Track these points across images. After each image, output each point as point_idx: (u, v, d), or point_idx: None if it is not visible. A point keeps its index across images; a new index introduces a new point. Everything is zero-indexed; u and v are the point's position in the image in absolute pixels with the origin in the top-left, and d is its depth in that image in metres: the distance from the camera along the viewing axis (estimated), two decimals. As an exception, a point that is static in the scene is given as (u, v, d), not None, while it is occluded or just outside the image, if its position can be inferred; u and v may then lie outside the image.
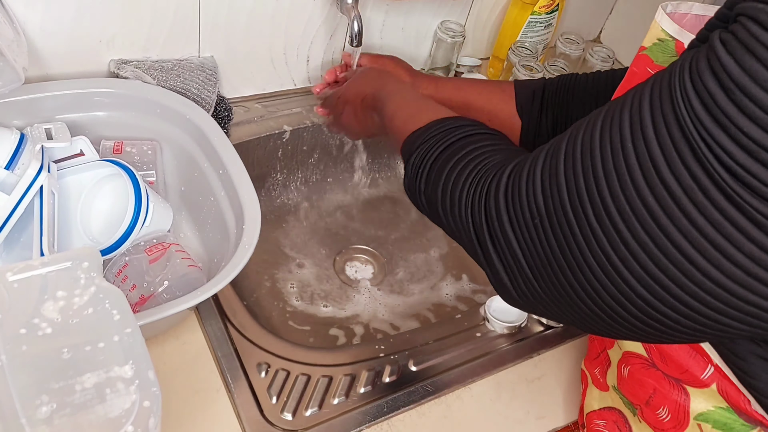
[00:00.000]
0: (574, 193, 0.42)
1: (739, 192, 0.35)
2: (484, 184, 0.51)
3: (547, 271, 0.45)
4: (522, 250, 0.46)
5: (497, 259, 0.49)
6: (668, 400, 0.57)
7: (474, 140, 0.57)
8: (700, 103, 0.36)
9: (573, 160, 0.43)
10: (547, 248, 0.44)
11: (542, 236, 0.44)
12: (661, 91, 0.38)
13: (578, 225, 0.42)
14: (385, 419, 0.70)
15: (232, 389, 0.69)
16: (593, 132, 0.42)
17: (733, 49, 0.34)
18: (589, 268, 0.42)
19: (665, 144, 0.37)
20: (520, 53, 1.06)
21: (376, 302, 0.97)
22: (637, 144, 0.38)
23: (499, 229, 0.48)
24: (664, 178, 0.37)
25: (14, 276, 0.46)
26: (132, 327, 0.46)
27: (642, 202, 0.38)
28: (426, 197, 0.58)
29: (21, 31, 0.75)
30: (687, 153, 0.36)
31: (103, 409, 0.42)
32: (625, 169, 0.39)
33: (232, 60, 0.93)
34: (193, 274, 0.70)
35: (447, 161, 0.56)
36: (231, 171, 0.74)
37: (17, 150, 0.68)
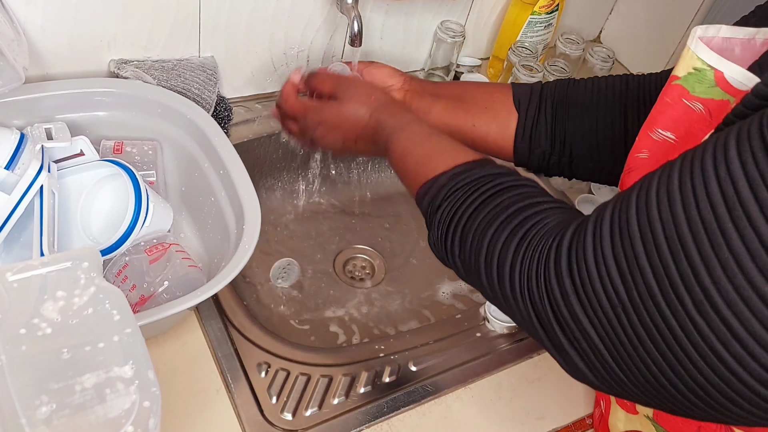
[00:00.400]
0: (665, 280, 0.34)
1: None
2: (542, 254, 0.43)
3: (633, 360, 0.38)
4: (602, 339, 0.39)
5: (569, 345, 0.42)
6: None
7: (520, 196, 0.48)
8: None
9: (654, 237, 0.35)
10: (634, 339, 0.37)
11: (626, 326, 0.37)
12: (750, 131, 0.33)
13: (675, 317, 0.35)
14: (385, 419, 0.70)
15: (232, 389, 0.69)
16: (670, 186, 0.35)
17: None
18: (693, 364, 0.35)
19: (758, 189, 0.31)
20: (520, 53, 1.06)
21: (376, 302, 0.97)
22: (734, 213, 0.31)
23: (569, 314, 0.40)
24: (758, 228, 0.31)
25: (14, 276, 0.46)
26: (132, 327, 0.46)
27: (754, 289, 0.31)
28: (463, 264, 0.50)
29: (21, 31, 0.75)
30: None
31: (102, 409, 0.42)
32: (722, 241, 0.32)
33: (232, 60, 0.93)
34: (193, 274, 0.70)
35: (489, 223, 0.47)
36: (231, 171, 0.74)
37: (17, 150, 0.68)
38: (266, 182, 1.02)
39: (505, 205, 0.48)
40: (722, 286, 0.32)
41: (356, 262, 1.02)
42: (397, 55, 1.08)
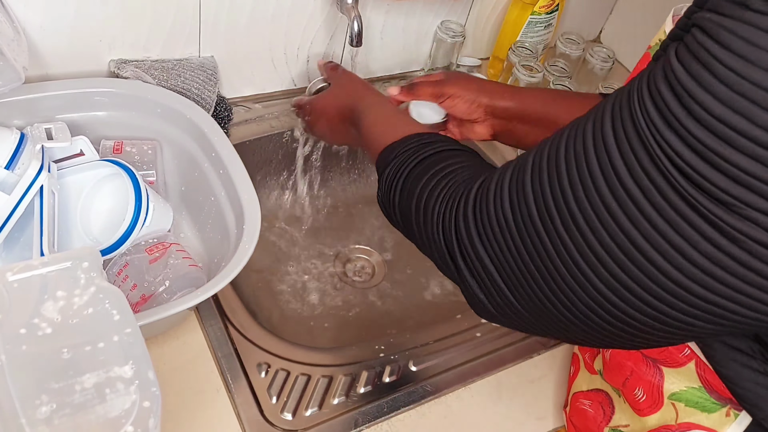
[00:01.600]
0: (541, 203, 0.43)
1: (692, 194, 0.36)
2: (453, 200, 0.52)
3: (520, 282, 0.46)
4: (494, 264, 0.47)
5: (469, 275, 0.50)
6: (643, 381, 0.59)
7: (447, 155, 0.58)
8: (655, 108, 0.37)
9: (539, 172, 0.44)
10: (519, 260, 0.45)
11: (512, 248, 0.45)
12: (621, 102, 0.40)
13: (547, 234, 0.43)
14: (385, 419, 0.70)
15: (232, 389, 0.68)
16: (559, 144, 0.44)
17: (683, 56, 0.36)
18: (560, 276, 0.43)
19: (624, 150, 0.39)
20: (521, 53, 1.06)
21: (376, 302, 0.97)
22: (599, 152, 0.40)
23: (469, 244, 0.49)
24: (624, 182, 0.38)
25: (14, 276, 0.46)
26: (132, 327, 0.46)
27: (605, 207, 0.39)
28: (400, 211, 0.59)
29: (21, 31, 0.75)
30: (644, 157, 0.38)
31: (102, 409, 0.42)
32: (588, 177, 0.40)
33: (232, 60, 0.93)
34: (193, 274, 0.70)
35: (420, 176, 0.57)
36: (231, 171, 0.74)
37: (17, 150, 0.68)
38: (266, 182, 1.02)
39: (437, 160, 0.57)
40: (582, 203, 0.40)
41: (356, 262, 1.02)
42: (396, 55, 1.08)
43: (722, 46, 0.34)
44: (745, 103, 0.33)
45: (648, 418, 0.60)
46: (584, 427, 0.68)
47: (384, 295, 0.98)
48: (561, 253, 0.42)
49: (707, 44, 0.35)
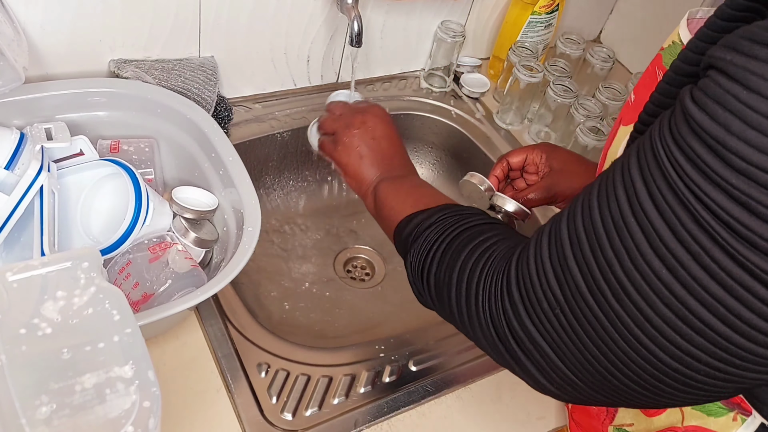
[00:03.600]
0: (589, 276, 0.42)
1: (738, 249, 0.35)
2: (496, 279, 0.49)
3: (578, 358, 0.44)
4: (548, 343, 0.45)
5: (524, 356, 0.48)
6: None
7: (482, 230, 0.56)
8: (689, 162, 0.36)
9: (579, 243, 0.42)
10: (573, 336, 0.43)
11: (565, 325, 0.44)
12: (647, 158, 0.39)
13: (599, 308, 0.41)
14: (385, 419, 0.70)
15: (232, 389, 0.68)
16: (591, 211, 0.42)
17: (705, 103, 0.35)
18: (619, 348, 0.41)
19: (664, 211, 0.37)
20: (521, 53, 1.06)
21: (376, 302, 0.97)
22: (638, 216, 0.38)
23: (519, 326, 0.47)
24: (670, 247, 0.37)
25: (14, 276, 0.46)
26: (132, 327, 0.46)
27: (656, 276, 0.38)
28: (437, 285, 0.56)
29: (21, 31, 0.75)
30: (685, 217, 0.36)
31: (102, 409, 0.42)
32: (632, 245, 0.39)
33: (232, 60, 0.93)
34: (193, 274, 0.71)
35: (462, 248, 0.54)
36: (231, 171, 0.74)
37: (17, 150, 0.68)
38: (266, 182, 1.02)
39: (472, 236, 0.55)
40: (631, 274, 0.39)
41: (356, 262, 1.02)
42: (397, 55, 1.08)
43: (751, 91, 0.33)
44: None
45: (654, 419, 0.59)
46: (587, 425, 0.68)
47: (384, 295, 0.98)
48: (617, 325, 0.41)
49: (734, 90, 0.33)
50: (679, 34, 0.50)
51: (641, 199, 0.38)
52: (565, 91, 1.01)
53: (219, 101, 0.90)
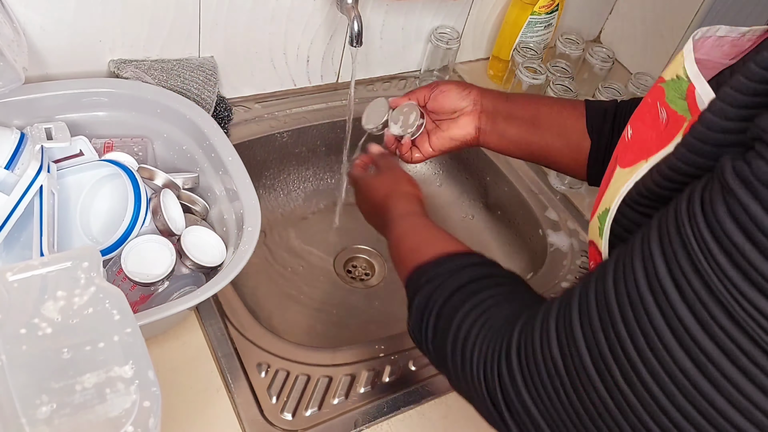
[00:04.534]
0: (595, 350, 0.38)
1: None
2: (495, 344, 0.47)
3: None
4: (543, 417, 0.42)
5: (515, 425, 0.45)
6: None
7: (485, 285, 0.53)
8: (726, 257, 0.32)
9: (588, 312, 0.39)
10: (572, 412, 0.40)
11: (564, 400, 0.40)
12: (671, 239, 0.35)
13: (604, 385, 0.38)
14: (385, 419, 0.70)
15: (232, 389, 0.69)
16: (605, 283, 0.38)
17: (756, 190, 0.30)
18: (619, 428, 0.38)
19: (690, 300, 0.33)
20: (525, 54, 1.06)
21: (376, 302, 0.97)
22: (657, 296, 0.35)
23: (514, 394, 0.44)
24: (697, 339, 0.33)
25: (14, 276, 0.46)
26: (132, 327, 0.46)
27: (676, 365, 0.34)
28: (435, 347, 0.54)
29: (21, 31, 0.75)
30: (718, 312, 0.32)
31: (103, 409, 0.42)
32: (649, 326, 0.35)
33: (232, 60, 0.93)
34: (193, 274, 0.71)
35: (455, 310, 0.51)
36: (231, 171, 0.74)
37: (17, 150, 0.68)
38: (266, 182, 1.02)
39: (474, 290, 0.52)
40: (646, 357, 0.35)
41: (356, 262, 1.02)
42: (397, 54, 1.08)
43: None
44: None
45: None
46: None
47: (384, 295, 0.98)
48: (625, 411, 0.37)
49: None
50: (685, 68, 0.44)
51: (661, 277, 0.35)
52: (564, 91, 1.01)
53: (219, 101, 0.90)
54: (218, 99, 0.90)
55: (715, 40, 0.47)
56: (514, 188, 1.01)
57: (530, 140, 0.75)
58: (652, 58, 1.18)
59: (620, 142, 0.52)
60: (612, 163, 0.52)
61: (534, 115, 0.75)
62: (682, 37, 1.13)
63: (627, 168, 0.47)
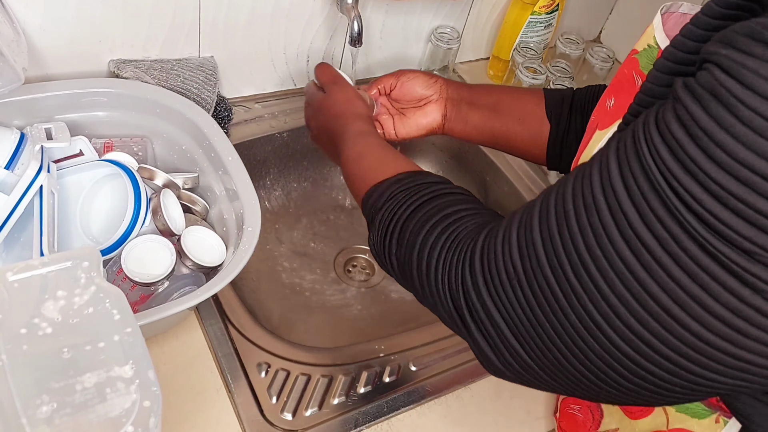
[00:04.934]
0: (551, 250, 0.41)
1: (711, 241, 0.35)
2: (460, 250, 0.49)
3: (531, 335, 0.44)
4: (503, 317, 0.45)
5: (476, 328, 0.47)
6: None
7: (450, 202, 0.55)
8: (668, 151, 0.36)
9: (547, 218, 0.42)
10: (528, 310, 0.43)
11: (521, 297, 0.43)
12: (626, 145, 0.39)
13: (558, 283, 0.41)
14: (385, 419, 0.70)
15: (232, 389, 0.69)
16: (565, 190, 0.42)
17: (698, 94, 0.35)
18: (573, 327, 0.41)
19: (635, 196, 0.37)
20: (525, 53, 1.06)
21: (376, 302, 0.97)
22: (609, 198, 0.38)
23: (476, 296, 0.46)
24: (637, 230, 0.37)
25: (14, 276, 0.46)
26: (132, 327, 0.46)
27: (619, 256, 0.38)
28: (398, 259, 0.56)
29: (21, 31, 0.75)
30: (657, 204, 0.36)
31: (103, 408, 0.42)
32: (599, 223, 0.39)
33: (232, 60, 0.93)
34: (193, 274, 0.71)
35: (423, 223, 0.53)
36: (231, 171, 0.74)
37: (17, 150, 0.68)
38: (266, 182, 1.02)
39: (439, 207, 0.54)
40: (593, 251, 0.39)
41: (356, 262, 1.02)
42: (397, 54, 1.08)
43: (745, 87, 0.32)
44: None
45: (639, 421, 0.59)
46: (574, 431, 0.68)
47: (384, 295, 0.98)
48: (573, 303, 0.40)
49: (728, 84, 0.33)
50: (655, 37, 0.49)
51: (613, 179, 0.38)
52: (564, 91, 1.01)
53: (219, 101, 0.90)
54: (218, 99, 0.90)
55: (678, 17, 0.51)
56: (514, 188, 1.01)
57: (492, 126, 0.79)
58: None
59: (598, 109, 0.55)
60: (589, 131, 0.56)
61: (496, 102, 0.79)
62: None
63: (604, 129, 0.50)
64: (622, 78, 0.52)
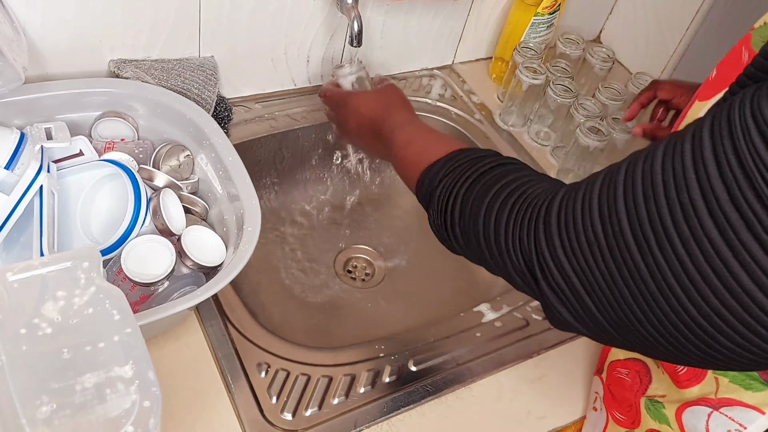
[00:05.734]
0: (636, 221, 0.42)
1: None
2: (533, 211, 0.50)
3: (608, 298, 0.45)
4: (578, 276, 0.46)
5: (549, 289, 0.48)
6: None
7: (508, 170, 0.56)
8: (761, 138, 0.36)
9: (633, 188, 0.43)
10: (606, 274, 0.44)
11: (600, 262, 0.44)
12: (721, 125, 0.39)
13: (640, 253, 0.42)
14: (385, 419, 0.70)
15: (232, 389, 0.68)
16: (654, 161, 0.42)
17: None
18: (651, 296, 0.42)
19: (726, 177, 0.38)
20: (525, 54, 1.06)
21: (376, 301, 0.97)
22: (700, 175, 0.39)
23: (550, 255, 0.47)
24: (726, 211, 0.38)
25: (14, 276, 0.46)
26: (132, 327, 0.46)
27: (705, 234, 0.39)
28: (462, 230, 0.57)
29: (21, 31, 0.75)
30: (746, 187, 0.37)
31: (103, 409, 0.42)
32: (687, 199, 0.39)
33: (232, 60, 0.93)
34: (193, 274, 0.71)
35: (486, 191, 0.54)
36: (231, 171, 0.74)
37: (17, 150, 0.68)
38: (266, 182, 1.02)
39: (499, 175, 0.55)
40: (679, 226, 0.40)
41: (356, 262, 1.02)
42: (397, 54, 1.08)
43: None
44: None
45: (686, 390, 0.59)
46: (621, 396, 0.68)
47: (384, 295, 0.98)
48: (654, 274, 0.41)
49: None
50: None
51: (706, 158, 0.39)
52: (564, 91, 1.01)
53: (219, 101, 0.90)
54: (218, 99, 0.90)
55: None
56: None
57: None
58: (652, 58, 1.18)
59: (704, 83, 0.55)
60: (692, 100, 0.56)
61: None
62: (682, 37, 1.13)
63: (706, 101, 0.51)
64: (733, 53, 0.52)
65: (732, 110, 0.39)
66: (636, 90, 1.04)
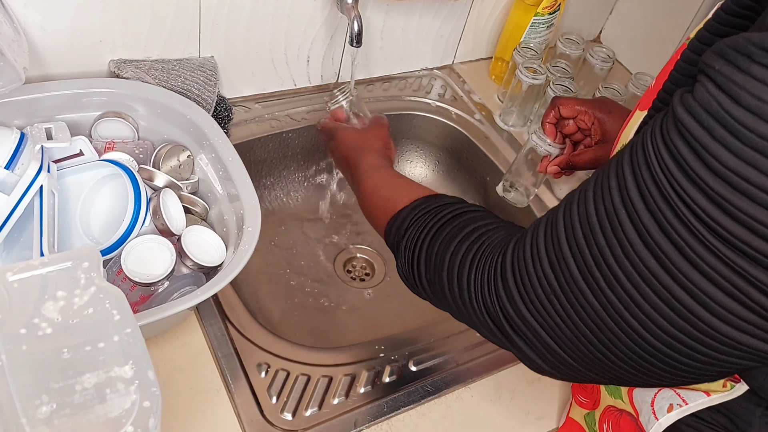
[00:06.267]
0: (582, 263, 0.44)
1: (718, 246, 0.37)
2: (489, 265, 0.51)
3: (571, 340, 0.46)
4: (542, 326, 0.48)
5: (519, 339, 0.50)
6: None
7: (469, 219, 0.57)
8: (674, 162, 0.38)
9: (573, 231, 0.45)
10: (568, 320, 0.46)
11: (560, 310, 0.46)
12: (638, 155, 0.41)
13: (592, 293, 0.44)
14: (385, 419, 0.70)
15: (232, 389, 0.69)
16: (587, 203, 0.44)
17: (693, 108, 0.37)
18: (610, 331, 0.44)
19: (651, 206, 0.40)
20: (525, 54, 1.06)
21: (376, 302, 0.97)
22: (629, 210, 0.41)
23: (513, 311, 0.49)
24: (657, 240, 0.40)
25: (14, 276, 0.46)
26: (132, 327, 0.46)
27: (645, 265, 0.40)
28: (428, 281, 0.58)
29: (21, 31, 0.75)
30: (669, 213, 0.39)
31: (103, 409, 0.42)
32: (623, 236, 0.41)
33: (232, 60, 0.93)
34: (193, 274, 0.71)
35: (449, 242, 0.56)
36: (231, 171, 0.74)
37: (17, 150, 0.68)
38: (266, 182, 1.02)
39: (460, 226, 0.56)
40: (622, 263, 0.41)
41: (356, 262, 1.02)
42: (397, 55, 1.08)
43: (732, 100, 0.35)
44: (756, 156, 0.34)
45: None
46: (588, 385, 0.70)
47: (384, 295, 0.98)
48: (609, 311, 0.43)
49: (719, 98, 0.36)
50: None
51: (631, 193, 0.41)
52: (564, 91, 1.01)
53: (219, 101, 0.90)
54: (218, 99, 0.90)
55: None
56: (514, 188, 1.01)
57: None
58: (652, 58, 1.18)
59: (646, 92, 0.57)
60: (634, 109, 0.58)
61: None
62: (682, 36, 1.13)
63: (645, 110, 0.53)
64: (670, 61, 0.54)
65: (645, 142, 0.41)
66: (636, 90, 1.04)
